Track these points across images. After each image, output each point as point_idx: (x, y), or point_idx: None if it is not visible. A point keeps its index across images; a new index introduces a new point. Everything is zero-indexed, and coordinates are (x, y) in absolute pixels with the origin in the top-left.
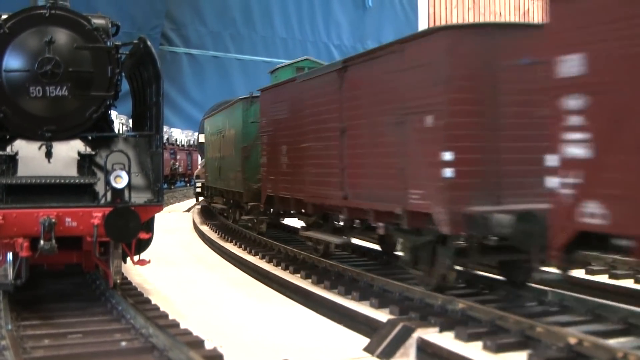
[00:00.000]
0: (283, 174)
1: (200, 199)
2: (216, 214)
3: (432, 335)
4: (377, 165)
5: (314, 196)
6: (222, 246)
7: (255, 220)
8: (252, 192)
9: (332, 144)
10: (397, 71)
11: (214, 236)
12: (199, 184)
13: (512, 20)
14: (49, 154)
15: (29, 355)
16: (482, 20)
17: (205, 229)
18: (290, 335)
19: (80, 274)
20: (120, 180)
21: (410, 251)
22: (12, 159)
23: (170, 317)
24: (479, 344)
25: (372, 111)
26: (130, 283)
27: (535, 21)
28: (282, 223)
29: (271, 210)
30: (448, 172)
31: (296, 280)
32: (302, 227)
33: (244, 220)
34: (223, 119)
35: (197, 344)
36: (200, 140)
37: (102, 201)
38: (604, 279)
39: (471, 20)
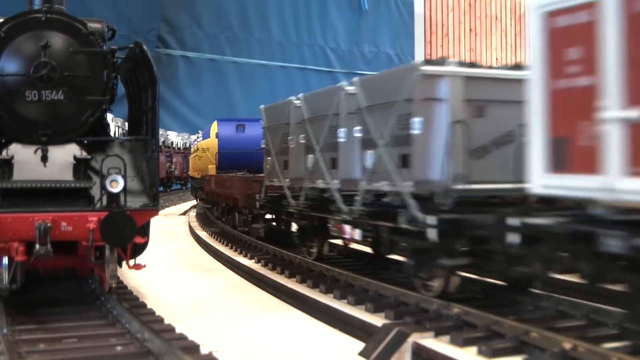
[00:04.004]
0: None
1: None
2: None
3: (428, 340)
4: None
5: None
6: (218, 249)
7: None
8: None
9: None
10: None
11: (209, 240)
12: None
13: (509, 23)
14: (44, 158)
15: None
16: (477, 23)
17: (201, 232)
18: (285, 340)
19: (76, 278)
20: (116, 185)
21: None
22: (8, 163)
23: (166, 322)
24: (474, 349)
25: None
26: (125, 287)
27: None
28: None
29: None
30: None
31: (292, 284)
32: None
33: None
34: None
35: (193, 348)
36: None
37: (98, 205)
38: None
39: (467, 23)
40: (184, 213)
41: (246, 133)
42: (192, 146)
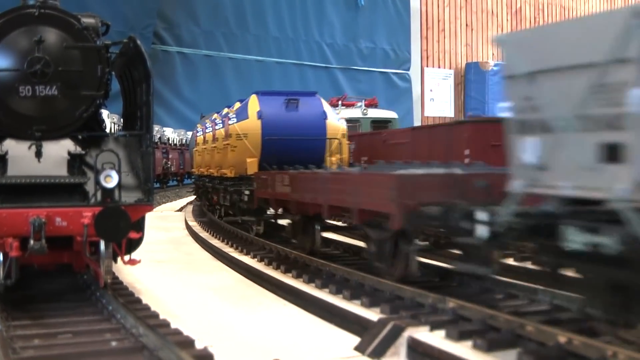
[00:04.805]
0: None
1: None
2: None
3: (423, 334)
4: None
5: None
6: (214, 245)
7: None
8: None
9: None
10: None
11: (205, 235)
12: None
13: (505, 18)
14: (38, 154)
15: (19, 356)
16: (474, 18)
17: (196, 227)
18: (281, 335)
19: (71, 273)
20: (110, 180)
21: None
22: (2, 159)
23: (161, 317)
24: (469, 343)
25: None
26: (121, 283)
27: (528, 20)
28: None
29: None
30: None
31: (287, 279)
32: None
33: None
34: None
35: (188, 343)
36: None
37: (92, 201)
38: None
39: (463, 18)
40: (180, 209)
41: (300, 112)
42: (199, 134)
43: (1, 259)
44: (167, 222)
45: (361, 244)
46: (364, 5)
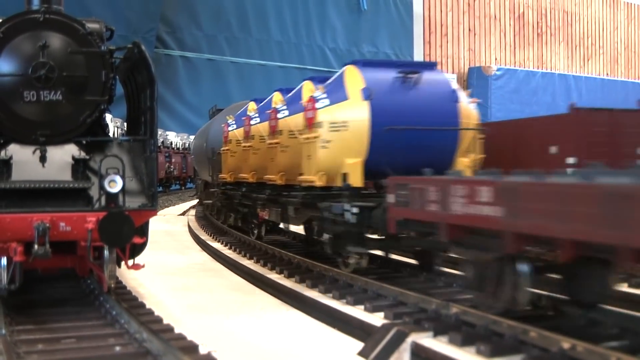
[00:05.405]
0: None
1: None
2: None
3: (426, 339)
4: None
5: None
6: (217, 249)
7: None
8: None
9: None
10: None
11: (208, 239)
12: None
13: (508, 23)
14: (43, 159)
15: None
16: (476, 23)
17: (199, 232)
18: (284, 340)
19: (75, 278)
20: (115, 185)
21: None
22: (6, 164)
23: (165, 322)
24: (472, 349)
25: None
26: (124, 287)
27: (530, 24)
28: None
29: None
30: None
31: (291, 284)
32: None
33: None
34: None
35: (191, 348)
36: None
37: (96, 206)
38: None
39: (466, 23)
40: (183, 213)
41: (421, 91)
42: (231, 129)
43: (5, 263)
44: (171, 225)
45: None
46: (367, 9)
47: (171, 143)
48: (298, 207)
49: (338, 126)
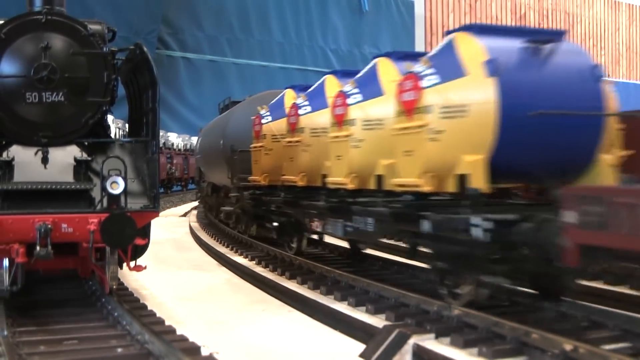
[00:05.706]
0: None
1: None
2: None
3: (428, 341)
4: None
5: None
6: (219, 251)
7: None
8: None
9: None
10: None
11: (209, 240)
12: None
13: (509, 23)
14: (45, 160)
15: None
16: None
17: (201, 233)
18: (286, 341)
19: (77, 279)
20: (117, 186)
21: None
22: (8, 165)
23: (167, 324)
24: (474, 351)
25: None
26: (126, 289)
27: (532, 25)
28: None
29: None
30: None
31: (293, 285)
32: None
33: None
34: None
35: (193, 350)
36: None
37: (98, 207)
38: (599, 284)
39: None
40: (185, 214)
41: (555, 65)
42: (263, 119)
43: (7, 265)
44: (173, 228)
45: (369, 251)
46: (368, 10)
47: (172, 144)
48: (383, 219)
49: (455, 112)
